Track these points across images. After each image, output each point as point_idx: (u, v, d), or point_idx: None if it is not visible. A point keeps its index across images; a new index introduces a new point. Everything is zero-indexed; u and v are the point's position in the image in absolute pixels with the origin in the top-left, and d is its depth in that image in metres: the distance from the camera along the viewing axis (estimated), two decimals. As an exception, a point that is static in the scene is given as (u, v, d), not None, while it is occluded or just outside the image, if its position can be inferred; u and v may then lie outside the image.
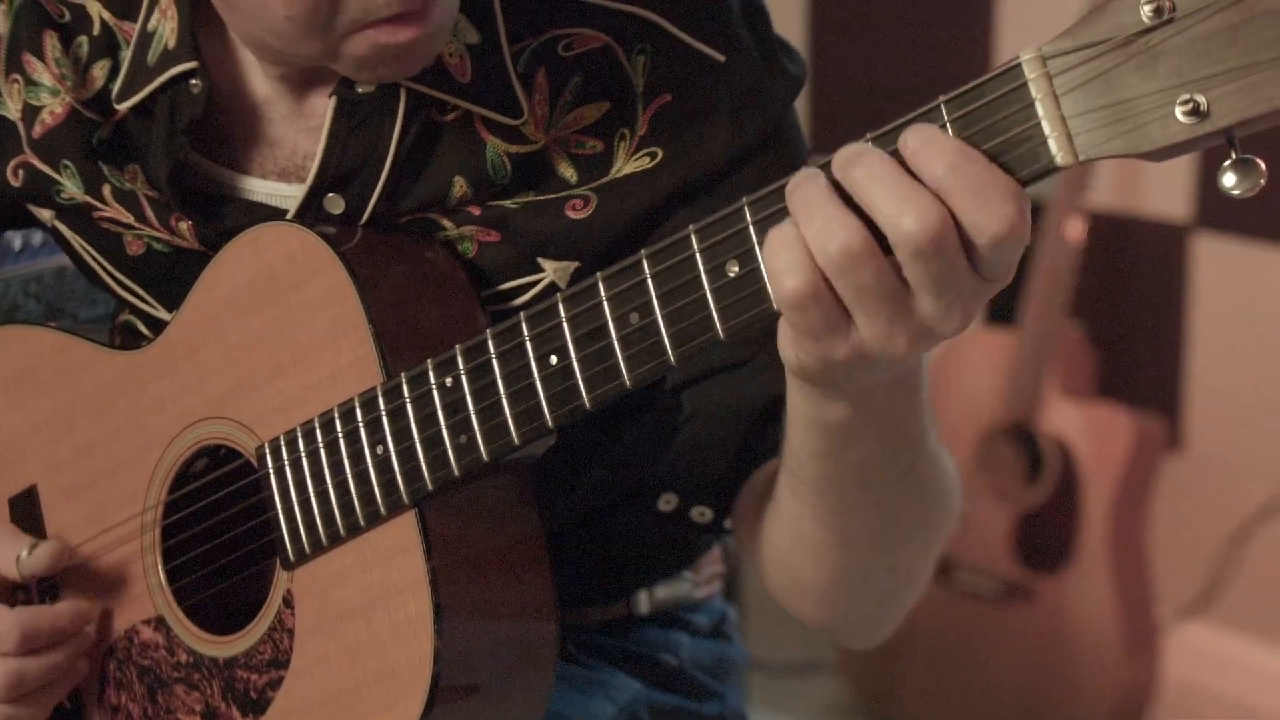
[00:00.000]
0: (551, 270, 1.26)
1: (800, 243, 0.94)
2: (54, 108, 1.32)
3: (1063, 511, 2.94)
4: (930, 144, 0.91)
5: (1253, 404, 3.10)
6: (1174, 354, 3.18)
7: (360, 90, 1.23)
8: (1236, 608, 3.14)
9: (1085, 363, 3.04)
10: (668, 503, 1.31)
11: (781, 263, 0.95)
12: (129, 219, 1.32)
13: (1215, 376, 3.15)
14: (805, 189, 0.95)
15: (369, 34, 1.13)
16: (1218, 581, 3.14)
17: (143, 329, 1.39)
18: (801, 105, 1.28)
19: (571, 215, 1.25)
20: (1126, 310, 3.23)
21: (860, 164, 0.93)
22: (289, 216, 1.27)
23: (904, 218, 0.91)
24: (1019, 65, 0.89)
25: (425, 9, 1.13)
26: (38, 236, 1.66)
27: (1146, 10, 0.86)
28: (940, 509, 1.23)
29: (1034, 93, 0.89)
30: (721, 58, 1.24)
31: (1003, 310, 3.06)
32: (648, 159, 1.24)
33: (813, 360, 0.99)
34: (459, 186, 1.25)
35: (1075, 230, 2.94)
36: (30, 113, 1.34)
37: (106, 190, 1.32)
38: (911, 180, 0.92)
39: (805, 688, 3.20)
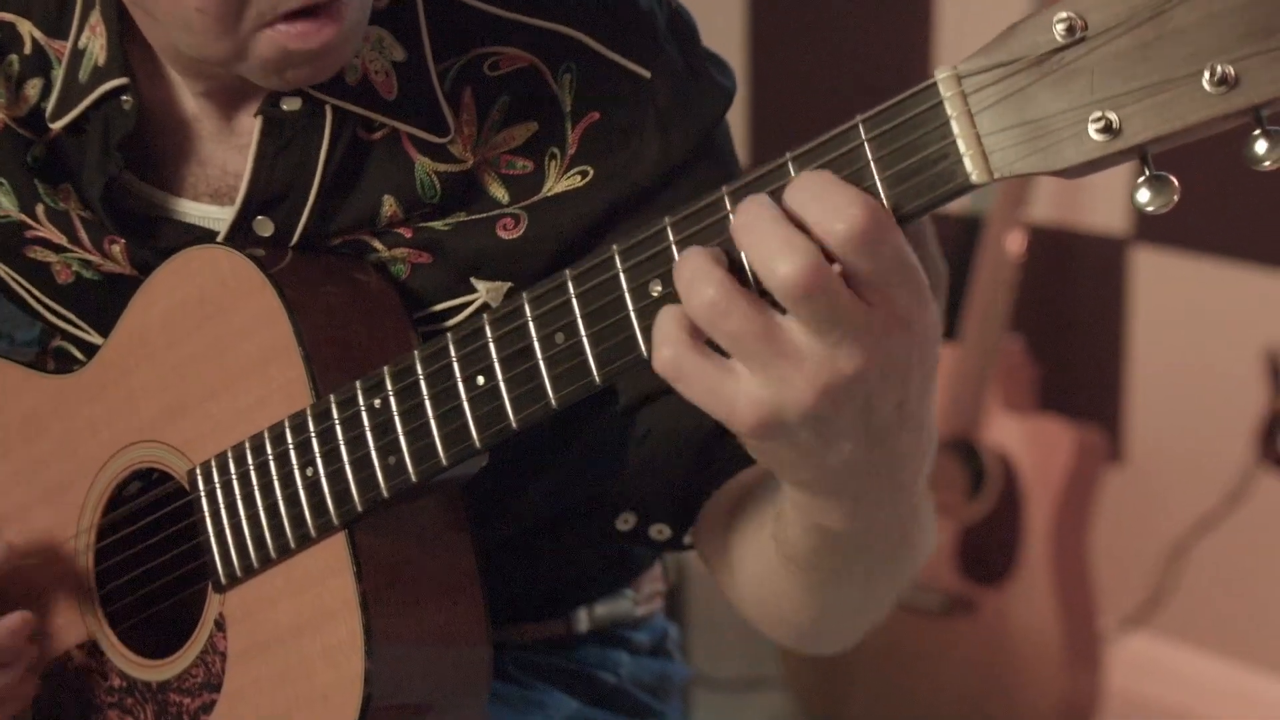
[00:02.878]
0: (485, 291, 1.26)
1: (670, 315, 0.95)
2: None
3: (1005, 524, 2.95)
4: (796, 186, 0.92)
5: (1193, 415, 3.12)
6: (1114, 366, 3.20)
7: (285, 108, 1.23)
8: (1179, 618, 3.16)
9: (1026, 376, 3.05)
10: (625, 521, 1.30)
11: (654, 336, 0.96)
12: (61, 240, 1.32)
13: (1155, 388, 3.16)
14: (685, 252, 0.95)
15: (278, 38, 1.13)
16: (1160, 592, 3.16)
17: (76, 353, 1.39)
18: (740, 116, 1.28)
19: (503, 235, 1.25)
20: (1067, 323, 3.25)
21: (738, 212, 0.93)
22: (219, 240, 1.27)
23: (776, 263, 0.90)
24: (934, 84, 0.90)
25: (335, 5, 1.13)
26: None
27: (1059, 29, 0.87)
28: (923, 551, 1.23)
29: (949, 111, 0.89)
30: (647, 74, 1.24)
31: (943, 324, 3.07)
32: (579, 177, 1.24)
33: (759, 446, 0.98)
34: (389, 206, 1.25)
35: (1015, 244, 2.96)
36: None
37: (40, 210, 1.32)
38: (785, 225, 0.91)
39: (751, 702, 3.20)
